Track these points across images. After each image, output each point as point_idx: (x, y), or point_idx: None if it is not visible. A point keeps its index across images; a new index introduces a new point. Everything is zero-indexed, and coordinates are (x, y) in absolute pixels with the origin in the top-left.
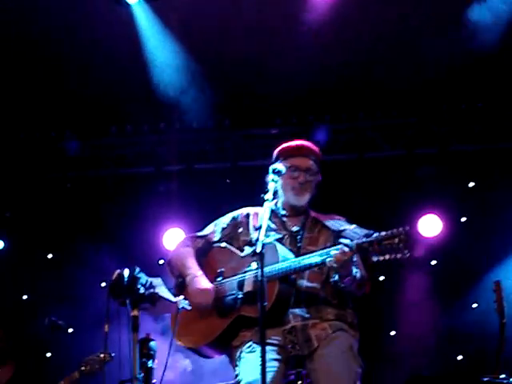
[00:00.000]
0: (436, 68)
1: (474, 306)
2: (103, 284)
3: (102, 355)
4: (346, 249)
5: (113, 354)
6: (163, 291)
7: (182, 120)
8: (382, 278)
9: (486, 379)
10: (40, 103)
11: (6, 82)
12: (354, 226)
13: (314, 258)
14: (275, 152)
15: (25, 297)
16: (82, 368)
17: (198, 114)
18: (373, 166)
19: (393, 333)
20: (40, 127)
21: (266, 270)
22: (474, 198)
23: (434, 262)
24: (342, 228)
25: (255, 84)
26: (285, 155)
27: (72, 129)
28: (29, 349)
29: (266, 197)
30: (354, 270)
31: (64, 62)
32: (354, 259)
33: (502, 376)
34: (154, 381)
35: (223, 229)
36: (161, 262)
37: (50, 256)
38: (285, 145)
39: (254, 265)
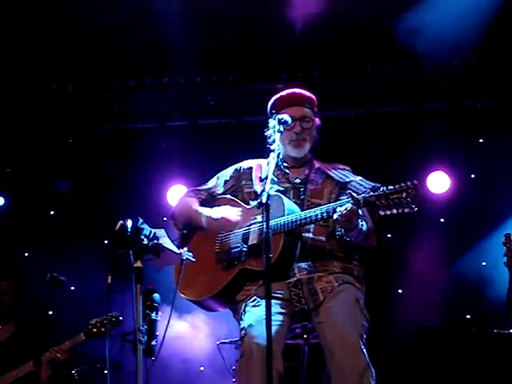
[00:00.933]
0: (446, 21)
1: (484, 263)
2: (106, 241)
3: (109, 318)
4: (350, 205)
5: (120, 318)
6: (167, 242)
7: (186, 75)
8: (389, 235)
9: (495, 331)
10: (41, 57)
11: (5, 34)
12: (359, 177)
13: (319, 212)
14: (269, 105)
15: (26, 254)
16: (89, 330)
17: (203, 69)
18: (380, 122)
19: (400, 291)
20: (41, 81)
21: (272, 223)
22: (484, 154)
23: (442, 220)
24: (347, 180)
25: (261, 38)
26: (277, 108)
27: (74, 83)
28: (30, 306)
29: (272, 147)
30: (360, 223)
31: (66, 15)
32: (360, 213)
33: None
34: (157, 333)
35: (226, 181)
36: (165, 218)
37: (51, 212)
38: (276, 96)
39: (259, 217)
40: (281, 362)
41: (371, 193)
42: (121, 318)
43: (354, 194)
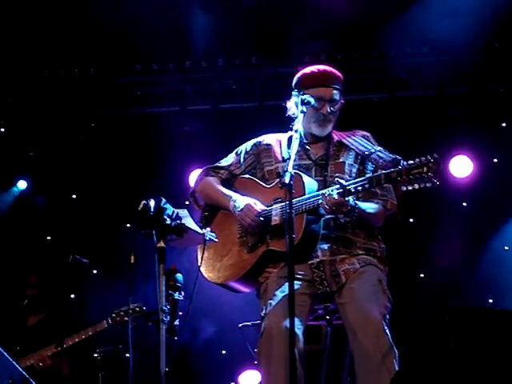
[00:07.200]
0: (469, 6)
1: (506, 247)
2: (128, 225)
3: (133, 308)
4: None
5: (144, 308)
6: (189, 222)
7: (209, 58)
8: (411, 220)
9: None
10: (64, 40)
11: (29, 18)
12: (378, 147)
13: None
14: (296, 77)
15: (48, 237)
16: (112, 319)
17: (225, 52)
18: (403, 106)
19: (422, 275)
20: (63, 65)
21: (293, 202)
22: (506, 138)
23: (465, 204)
24: (367, 152)
25: (284, 21)
26: (307, 84)
27: (96, 66)
28: (54, 291)
29: (294, 127)
30: (351, 204)
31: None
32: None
33: None
34: (180, 313)
35: (245, 158)
36: (187, 202)
37: (74, 196)
38: (307, 71)
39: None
40: (302, 343)
41: (392, 169)
42: (144, 308)
43: (342, 182)
